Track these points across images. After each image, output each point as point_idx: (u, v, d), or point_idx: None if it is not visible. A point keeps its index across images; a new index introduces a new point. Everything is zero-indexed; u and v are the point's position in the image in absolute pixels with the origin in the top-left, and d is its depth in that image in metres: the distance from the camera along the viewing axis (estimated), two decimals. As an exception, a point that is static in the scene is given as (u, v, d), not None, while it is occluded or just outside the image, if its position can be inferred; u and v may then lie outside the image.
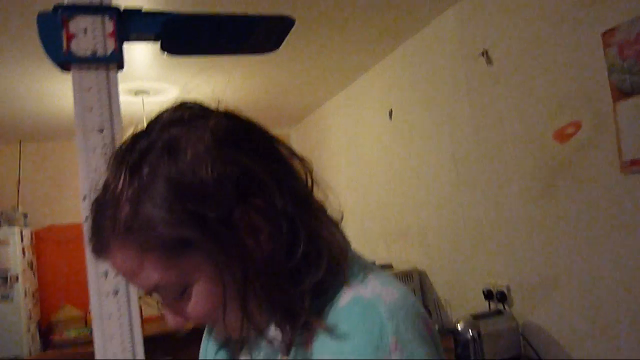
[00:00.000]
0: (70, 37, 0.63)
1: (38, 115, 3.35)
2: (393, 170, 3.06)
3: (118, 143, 0.62)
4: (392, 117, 3.01)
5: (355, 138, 3.54)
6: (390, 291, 0.48)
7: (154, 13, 0.67)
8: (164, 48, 0.70)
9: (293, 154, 0.54)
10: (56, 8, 0.64)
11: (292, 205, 0.49)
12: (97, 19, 0.65)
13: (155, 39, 0.68)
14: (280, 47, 2.12)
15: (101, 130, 0.62)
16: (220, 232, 0.46)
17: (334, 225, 0.56)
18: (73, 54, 0.63)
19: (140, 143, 0.48)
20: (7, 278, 3.63)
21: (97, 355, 0.59)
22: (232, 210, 0.46)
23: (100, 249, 0.49)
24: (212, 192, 0.45)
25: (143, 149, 0.47)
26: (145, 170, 0.46)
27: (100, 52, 0.64)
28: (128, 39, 0.67)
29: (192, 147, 0.46)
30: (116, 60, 0.64)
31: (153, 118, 0.50)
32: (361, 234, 3.48)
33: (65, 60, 0.63)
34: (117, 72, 0.66)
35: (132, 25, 0.66)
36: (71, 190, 4.34)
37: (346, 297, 0.49)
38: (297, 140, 4.90)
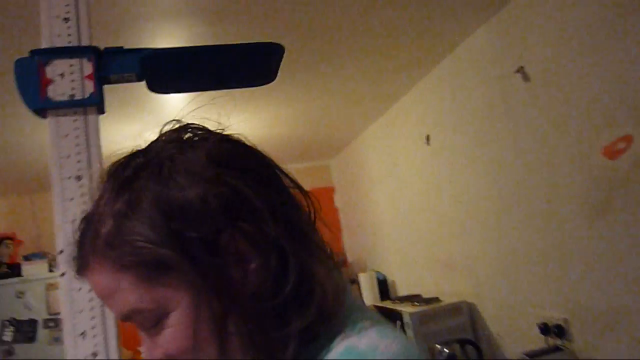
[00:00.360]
0: (46, 82, 0.60)
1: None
2: (434, 197, 2.93)
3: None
4: (430, 142, 2.91)
5: (394, 166, 3.45)
6: (389, 343, 0.42)
7: (135, 50, 0.63)
8: (150, 87, 0.66)
9: (296, 185, 0.52)
10: (33, 52, 0.61)
11: (285, 236, 0.46)
12: (75, 61, 0.61)
13: (139, 79, 0.64)
14: (315, 79, 2.07)
15: (79, 178, 0.58)
16: (202, 255, 0.43)
17: (333, 267, 0.51)
18: (49, 99, 0.59)
19: (135, 160, 0.47)
20: (59, 321, 3.70)
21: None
22: (218, 234, 0.43)
23: (81, 266, 0.47)
24: (198, 211, 0.43)
25: (136, 166, 0.46)
26: (135, 186, 0.45)
27: (77, 95, 0.60)
28: (109, 81, 0.63)
29: (185, 166, 0.45)
30: (95, 103, 0.60)
31: (156, 139, 0.49)
32: (406, 264, 3.35)
33: (41, 107, 0.59)
34: (97, 116, 0.62)
35: (112, 65, 0.62)
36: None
37: (338, 347, 0.43)
38: (337, 171, 4.85)
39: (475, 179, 2.47)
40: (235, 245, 0.44)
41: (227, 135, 0.50)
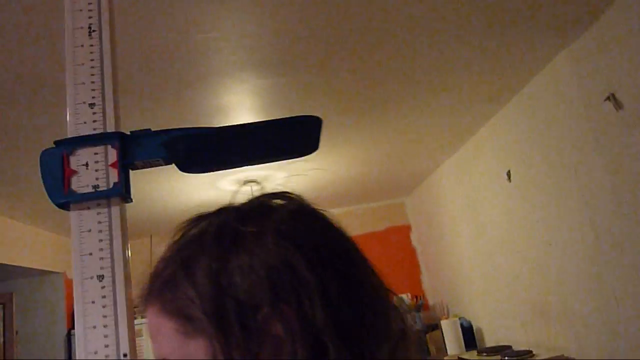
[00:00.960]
0: (70, 174, 0.56)
1: (164, 211, 3.57)
2: (520, 238, 2.70)
3: (121, 292, 0.52)
4: (511, 178, 2.70)
5: (474, 203, 3.24)
6: None
7: (162, 132, 0.58)
8: (181, 168, 0.60)
9: (373, 272, 0.48)
10: (58, 143, 0.57)
11: (332, 332, 0.41)
12: (100, 149, 0.57)
13: (167, 163, 0.58)
14: (388, 118, 2.00)
15: (100, 278, 0.52)
16: (234, 326, 0.41)
17: None
18: (73, 192, 0.55)
19: (206, 220, 0.48)
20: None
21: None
22: (257, 309, 0.41)
23: (143, 299, 0.49)
24: (243, 280, 0.42)
25: (205, 227, 0.48)
26: (198, 243, 0.46)
27: (101, 186, 0.56)
28: (135, 167, 0.59)
29: (249, 234, 0.44)
30: (118, 194, 0.55)
31: (229, 203, 0.50)
32: (492, 310, 3.09)
33: (64, 202, 0.55)
34: (122, 207, 0.57)
35: (137, 151, 0.57)
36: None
37: None
38: (412, 208, 4.67)
39: (566, 218, 2.23)
40: (271, 327, 0.41)
41: (303, 206, 0.49)
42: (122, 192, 0.56)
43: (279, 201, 0.49)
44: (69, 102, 0.59)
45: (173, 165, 0.57)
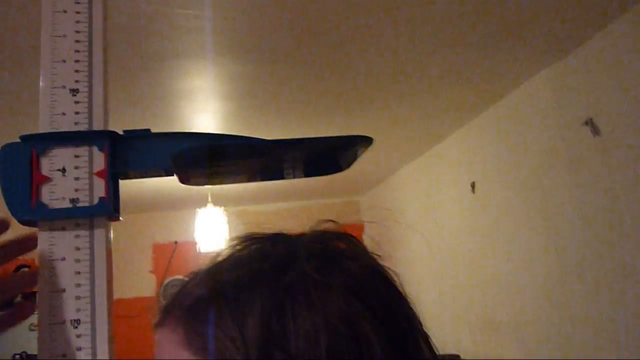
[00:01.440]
0: (40, 181, 0.42)
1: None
2: (478, 250, 2.70)
3: (102, 345, 0.41)
4: (475, 190, 2.69)
5: (432, 210, 3.22)
6: None
7: (167, 137, 0.45)
8: (183, 181, 0.48)
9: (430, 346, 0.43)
10: (24, 138, 0.43)
11: None
12: (82, 151, 0.44)
13: (168, 174, 0.46)
14: (352, 117, 1.91)
15: (75, 323, 0.40)
16: None
17: None
18: (43, 205, 0.42)
19: (265, 247, 0.42)
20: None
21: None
22: None
23: (160, 318, 0.43)
24: (302, 342, 0.35)
25: (260, 254, 0.41)
26: (248, 273, 0.39)
27: (82, 200, 0.42)
28: (127, 177, 0.46)
29: (315, 286, 0.38)
30: (104, 212, 0.42)
31: (284, 232, 0.45)
32: (440, 319, 3.09)
33: (29, 218, 0.42)
34: (108, 229, 0.44)
35: (133, 158, 0.44)
36: (141, 264, 4.30)
37: None
38: (367, 208, 4.64)
39: (528, 235, 2.23)
40: None
41: (376, 265, 0.43)
42: (109, 209, 0.43)
43: (342, 244, 0.43)
44: (42, 84, 0.45)
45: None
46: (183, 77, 1.79)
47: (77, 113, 0.44)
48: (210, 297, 0.39)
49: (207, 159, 0.45)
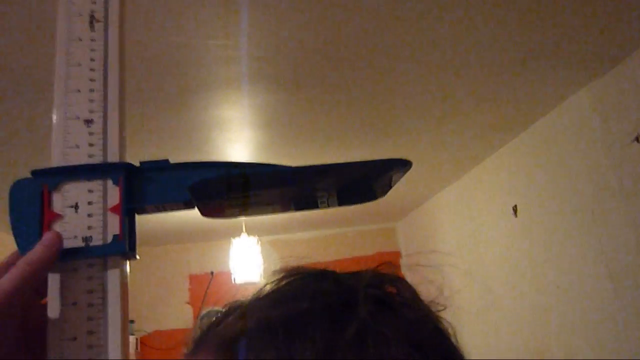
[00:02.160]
0: (51, 218, 0.39)
1: (149, 221, 3.37)
2: (524, 277, 2.56)
3: None
4: (518, 213, 2.57)
5: (472, 236, 3.11)
6: None
7: (187, 167, 0.42)
8: (204, 213, 0.44)
9: None
10: (36, 173, 0.41)
11: None
12: (96, 185, 0.40)
13: (187, 207, 0.42)
14: (386, 142, 1.86)
15: None
16: None
17: None
18: (53, 245, 0.38)
19: (315, 284, 0.39)
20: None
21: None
22: None
23: (192, 349, 0.39)
24: None
25: (312, 292, 0.38)
26: (299, 310, 0.36)
27: (95, 239, 0.39)
28: (144, 211, 0.42)
29: (370, 334, 0.35)
30: (119, 251, 0.39)
31: (348, 276, 0.40)
32: (485, 353, 2.94)
33: (39, 259, 0.38)
34: (123, 270, 0.40)
35: (150, 192, 0.41)
36: (178, 295, 4.31)
37: None
38: (403, 235, 4.54)
39: (579, 263, 2.10)
40: None
41: (431, 315, 0.41)
42: (123, 248, 0.40)
43: (397, 290, 0.40)
44: (56, 115, 0.43)
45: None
46: (215, 107, 1.79)
47: (91, 145, 0.42)
48: (253, 332, 0.36)
49: (229, 190, 0.41)
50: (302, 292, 0.38)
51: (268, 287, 0.40)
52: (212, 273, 4.30)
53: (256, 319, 0.36)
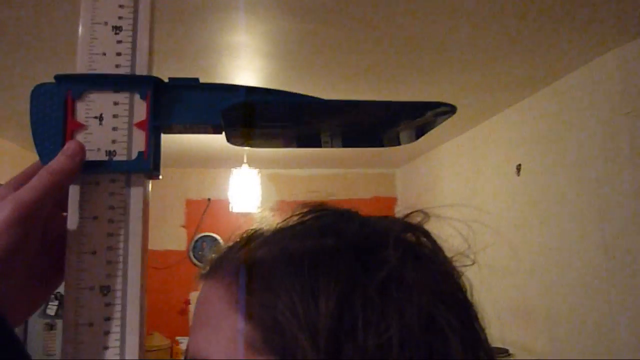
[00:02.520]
0: (74, 128, 0.37)
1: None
2: (519, 234, 2.60)
3: (134, 314, 0.37)
4: (521, 173, 2.57)
5: (472, 191, 3.12)
6: None
7: (218, 88, 0.39)
8: (230, 140, 0.42)
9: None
10: (59, 78, 0.38)
11: None
12: (123, 97, 0.38)
13: (216, 131, 0.40)
14: (394, 85, 1.81)
15: (105, 290, 0.36)
16: None
17: None
18: (76, 156, 0.37)
19: (338, 222, 0.38)
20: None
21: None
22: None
23: (208, 271, 0.39)
24: (369, 333, 0.32)
25: (337, 230, 0.37)
26: (322, 248, 0.35)
27: (119, 153, 0.37)
28: (170, 130, 0.40)
29: (395, 280, 0.34)
30: (143, 168, 0.37)
31: (377, 220, 0.39)
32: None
33: (61, 168, 0.37)
34: (146, 188, 0.39)
35: (178, 110, 0.39)
36: (174, 217, 4.36)
37: None
38: (401, 182, 4.55)
39: (574, 224, 2.12)
40: None
41: (453, 269, 0.40)
42: (148, 166, 0.38)
43: (427, 241, 0.39)
44: (82, 18, 0.40)
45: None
46: (228, 31, 1.72)
47: (118, 54, 0.39)
48: (277, 261, 0.35)
49: (263, 117, 0.39)
50: (329, 228, 0.37)
51: (293, 219, 0.40)
52: (209, 200, 4.34)
53: (280, 249, 0.36)
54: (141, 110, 0.38)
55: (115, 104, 0.38)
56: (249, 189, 3.29)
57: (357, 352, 0.31)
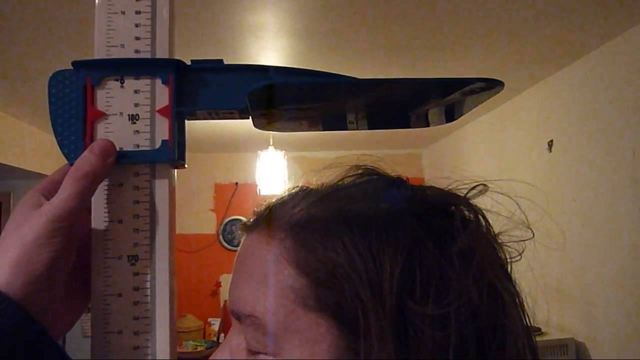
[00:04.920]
0: (94, 117, 0.36)
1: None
2: (552, 212, 2.52)
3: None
4: (553, 149, 2.49)
5: (502, 170, 3.04)
6: None
7: (243, 69, 0.37)
8: (259, 125, 0.40)
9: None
10: (77, 65, 0.36)
11: None
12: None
13: (242, 116, 0.38)
14: (420, 62, 1.75)
15: (133, 260, 0.34)
16: (385, 334, 0.30)
17: None
18: (96, 146, 0.35)
19: (392, 184, 0.38)
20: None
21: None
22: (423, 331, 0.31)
23: (254, 222, 0.38)
24: (428, 296, 0.32)
25: (396, 192, 0.37)
26: (379, 209, 0.35)
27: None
28: (195, 117, 0.38)
29: (449, 244, 0.34)
30: (168, 158, 0.35)
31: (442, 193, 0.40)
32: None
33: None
34: (172, 178, 0.37)
35: (203, 95, 0.37)
36: (202, 202, 4.41)
37: None
38: (429, 162, 4.48)
39: (612, 203, 2.05)
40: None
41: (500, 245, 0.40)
42: (173, 156, 0.36)
43: (477, 212, 0.39)
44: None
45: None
46: (251, 11, 1.69)
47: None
48: (333, 220, 0.34)
49: (290, 99, 0.37)
50: (385, 193, 0.37)
51: (347, 180, 0.39)
52: (236, 184, 4.36)
53: (337, 208, 0.35)
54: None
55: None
56: (275, 171, 3.29)
57: (420, 316, 0.31)
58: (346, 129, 0.41)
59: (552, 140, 2.50)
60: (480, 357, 0.32)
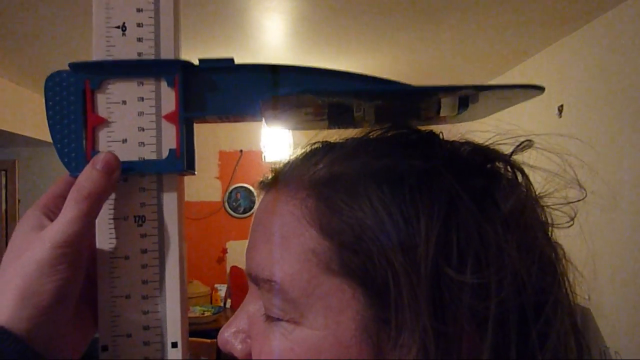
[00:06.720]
0: (95, 123, 0.33)
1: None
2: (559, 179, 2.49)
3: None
4: (563, 114, 2.44)
5: (512, 135, 3.00)
6: None
7: (255, 69, 0.34)
8: (269, 124, 0.38)
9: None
10: (75, 66, 0.33)
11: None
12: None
13: (256, 118, 0.35)
14: (431, 29, 1.70)
15: (139, 220, 0.32)
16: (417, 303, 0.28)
17: None
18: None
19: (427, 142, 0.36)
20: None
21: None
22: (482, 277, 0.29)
23: (271, 180, 0.36)
24: (466, 264, 0.29)
25: (429, 152, 0.34)
26: (413, 169, 0.32)
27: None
28: (204, 121, 0.35)
29: (492, 208, 0.32)
30: (177, 169, 0.33)
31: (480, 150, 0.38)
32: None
33: (81, 169, 0.33)
34: (181, 189, 0.35)
35: (212, 99, 0.34)
36: (208, 169, 4.40)
37: None
38: (439, 127, 4.42)
39: (618, 168, 2.02)
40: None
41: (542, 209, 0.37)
42: (182, 166, 0.33)
43: (516, 171, 0.38)
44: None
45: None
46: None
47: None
48: (360, 178, 0.31)
49: (309, 104, 0.34)
50: (417, 148, 0.34)
51: (374, 134, 0.36)
52: (241, 151, 4.33)
53: (363, 164, 0.32)
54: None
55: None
56: (280, 138, 3.26)
57: (457, 285, 0.28)
58: (353, 127, 0.39)
59: (562, 105, 2.44)
60: (522, 336, 0.30)
